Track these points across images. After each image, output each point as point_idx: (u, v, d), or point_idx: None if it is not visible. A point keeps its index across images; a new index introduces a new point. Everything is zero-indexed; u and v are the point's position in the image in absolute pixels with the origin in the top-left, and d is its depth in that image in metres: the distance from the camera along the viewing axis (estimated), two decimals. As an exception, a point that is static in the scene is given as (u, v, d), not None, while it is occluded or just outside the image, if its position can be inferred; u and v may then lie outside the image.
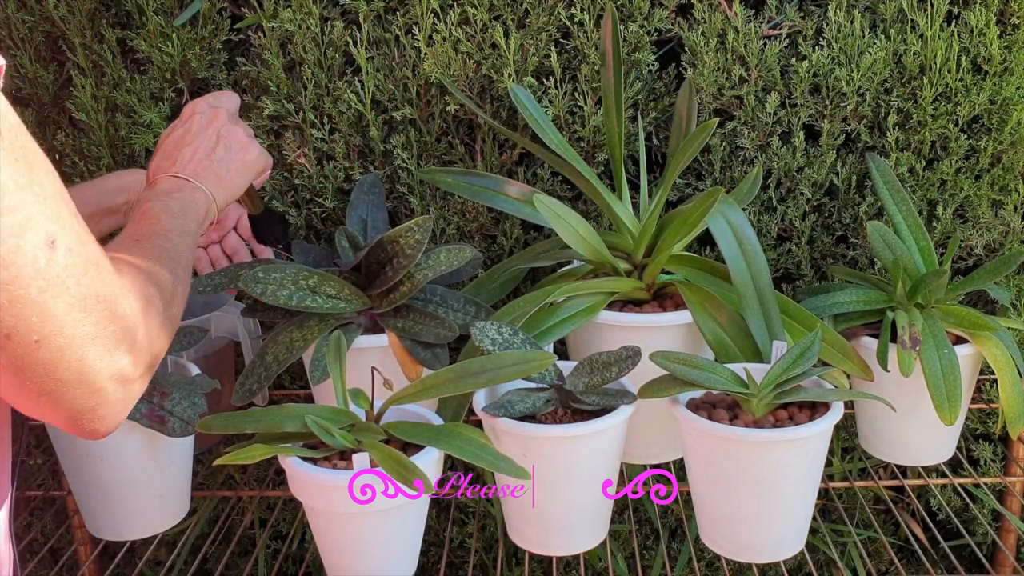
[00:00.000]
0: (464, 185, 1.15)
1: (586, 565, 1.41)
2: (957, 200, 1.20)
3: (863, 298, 1.06)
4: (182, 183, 0.85)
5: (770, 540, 0.90)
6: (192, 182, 0.85)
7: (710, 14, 1.15)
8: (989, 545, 1.36)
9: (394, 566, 0.86)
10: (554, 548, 0.93)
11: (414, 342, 1.01)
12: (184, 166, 0.87)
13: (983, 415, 1.31)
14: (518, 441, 0.87)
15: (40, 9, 1.20)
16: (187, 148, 0.88)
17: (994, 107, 1.16)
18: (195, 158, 0.88)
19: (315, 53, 1.18)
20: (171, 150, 0.88)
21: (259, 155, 0.94)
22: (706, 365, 0.89)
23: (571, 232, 1.01)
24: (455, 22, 1.16)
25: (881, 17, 1.16)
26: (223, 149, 0.90)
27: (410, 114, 1.20)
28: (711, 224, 1.01)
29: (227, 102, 0.95)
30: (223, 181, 0.89)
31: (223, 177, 0.89)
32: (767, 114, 1.18)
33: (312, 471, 0.82)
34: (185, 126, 0.91)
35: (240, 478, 1.34)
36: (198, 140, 0.89)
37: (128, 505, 0.95)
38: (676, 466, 1.12)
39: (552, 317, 1.00)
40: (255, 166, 0.93)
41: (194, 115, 0.92)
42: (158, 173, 0.87)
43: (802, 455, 0.86)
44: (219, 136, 0.91)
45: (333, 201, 1.23)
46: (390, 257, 1.00)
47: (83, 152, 1.23)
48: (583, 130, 1.20)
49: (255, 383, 1.01)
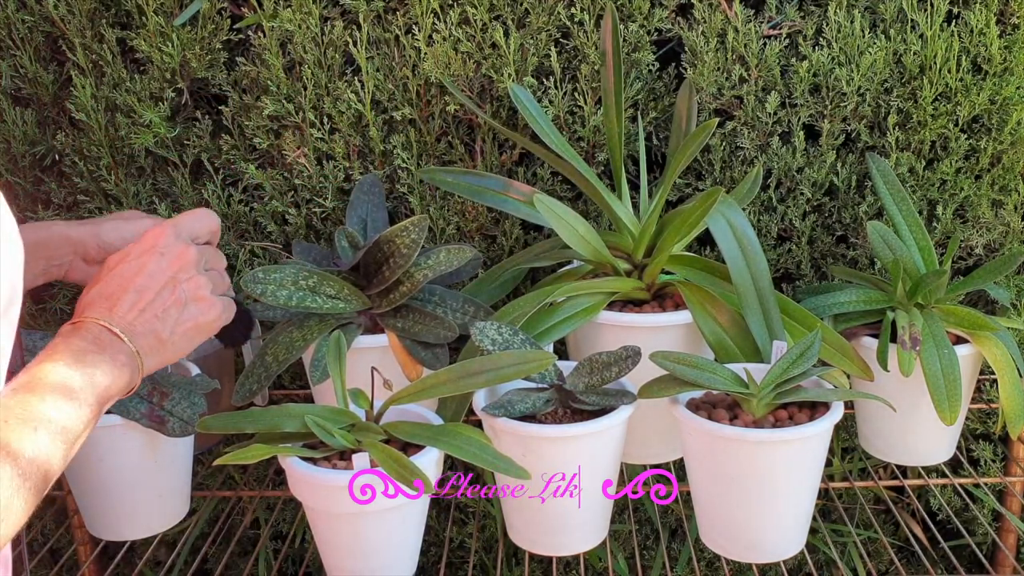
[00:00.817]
0: (464, 185, 1.15)
1: (586, 565, 1.41)
2: (957, 200, 1.20)
3: (863, 298, 1.06)
4: (109, 338, 0.70)
5: (770, 540, 0.90)
6: (123, 340, 0.71)
7: (710, 14, 1.15)
8: (989, 545, 1.36)
9: (394, 566, 0.86)
10: (554, 548, 0.93)
11: (414, 342, 1.01)
12: (121, 316, 0.72)
13: (983, 415, 1.31)
14: (518, 441, 0.87)
15: (40, 9, 1.20)
16: (133, 293, 0.73)
17: (994, 107, 1.16)
18: (136, 308, 0.73)
19: (315, 53, 1.18)
20: (114, 288, 0.73)
21: (219, 315, 0.78)
22: (706, 365, 0.89)
23: (571, 232, 1.01)
24: (455, 22, 1.16)
25: (881, 17, 1.16)
26: (176, 306, 0.75)
27: (410, 114, 1.20)
28: (711, 224, 1.01)
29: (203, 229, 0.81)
30: (163, 345, 0.74)
31: (164, 340, 0.74)
32: (767, 114, 1.18)
33: (312, 471, 0.82)
34: (140, 260, 0.75)
35: (240, 478, 1.34)
36: (149, 286, 0.74)
37: (128, 505, 0.95)
38: (676, 466, 1.12)
39: (552, 317, 1.00)
40: (208, 328, 0.78)
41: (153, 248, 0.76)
42: (88, 310, 0.72)
43: (802, 455, 0.86)
44: (176, 286, 0.75)
45: (333, 201, 1.23)
46: (387, 257, 1.00)
47: (83, 152, 1.23)
48: (583, 130, 1.20)
49: (255, 383, 1.01)
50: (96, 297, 0.73)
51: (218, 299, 0.79)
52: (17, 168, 1.26)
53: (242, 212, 1.25)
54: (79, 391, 0.64)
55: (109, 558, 1.31)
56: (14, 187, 1.27)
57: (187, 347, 0.77)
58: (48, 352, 0.66)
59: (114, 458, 0.93)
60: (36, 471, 0.57)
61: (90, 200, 1.26)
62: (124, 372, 0.69)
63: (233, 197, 1.24)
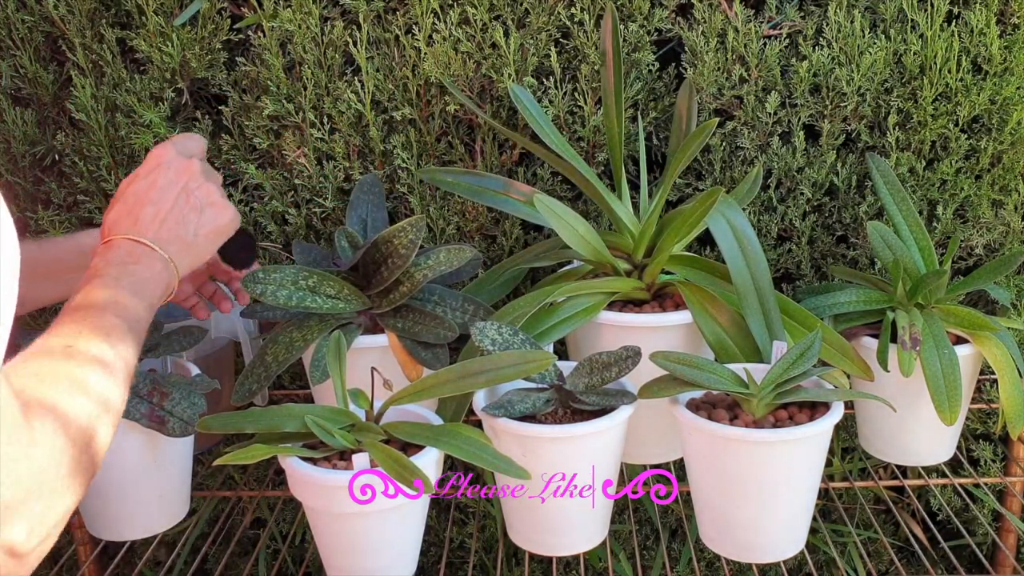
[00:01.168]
0: (464, 185, 1.15)
1: (586, 565, 1.41)
2: (957, 200, 1.20)
3: (863, 298, 1.06)
4: (141, 250, 0.74)
5: (770, 540, 0.90)
6: (154, 249, 0.75)
7: (710, 14, 1.15)
8: (989, 545, 1.36)
9: (394, 566, 0.86)
10: (554, 548, 0.93)
11: (414, 342, 1.01)
12: (145, 227, 0.76)
13: (983, 415, 1.31)
14: (518, 441, 0.87)
15: (40, 9, 1.20)
16: (151, 206, 0.77)
17: (994, 107, 1.16)
18: (158, 218, 0.76)
19: (315, 53, 1.18)
20: (132, 205, 0.77)
21: (232, 217, 0.83)
22: (706, 365, 0.89)
23: (571, 232, 1.01)
24: (455, 22, 1.16)
25: (881, 17, 1.16)
26: (194, 211, 0.79)
27: (410, 114, 1.20)
28: (711, 224, 1.01)
29: (195, 146, 0.84)
30: (190, 248, 0.78)
31: (190, 244, 0.78)
32: (767, 114, 1.18)
33: (312, 471, 0.82)
34: (149, 178, 0.78)
35: (240, 478, 1.34)
36: (164, 197, 0.78)
37: (128, 505, 0.95)
38: (676, 466, 1.12)
39: (552, 317, 1.00)
40: (227, 230, 0.83)
41: (160, 166, 0.79)
42: (115, 231, 0.75)
43: (802, 455, 0.86)
44: (189, 194, 0.79)
45: (333, 201, 1.23)
46: (385, 257, 1.00)
47: (83, 152, 1.23)
48: (583, 130, 1.20)
49: (255, 383, 1.01)
50: (117, 217, 0.76)
51: (229, 202, 0.83)
52: (17, 168, 1.26)
53: (242, 212, 1.25)
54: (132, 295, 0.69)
55: (109, 558, 1.31)
56: (14, 187, 1.27)
57: (211, 248, 0.81)
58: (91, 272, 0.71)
59: (114, 458, 0.92)
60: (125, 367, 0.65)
61: (90, 200, 1.26)
62: (162, 277, 0.74)
63: (233, 197, 1.24)
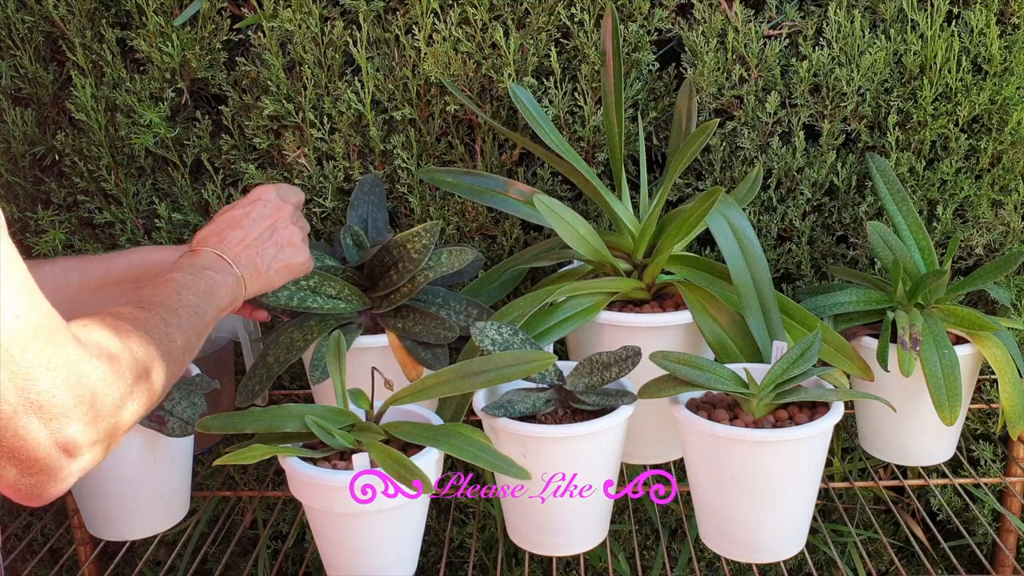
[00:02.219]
0: (464, 185, 1.15)
1: (586, 565, 1.41)
2: (957, 200, 1.20)
3: (863, 298, 1.06)
4: (221, 263, 0.84)
5: (770, 540, 0.90)
6: (231, 265, 0.85)
7: (710, 14, 1.15)
8: (989, 545, 1.36)
9: (394, 566, 0.86)
10: (554, 548, 0.93)
11: (414, 342, 1.01)
12: (229, 247, 0.86)
13: (983, 415, 1.31)
14: (518, 441, 0.87)
15: (40, 9, 1.20)
16: (239, 231, 0.88)
17: (994, 107, 1.16)
18: (243, 243, 0.87)
19: (315, 53, 1.18)
20: (223, 228, 0.88)
21: (306, 261, 0.92)
22: (706, 365, 0.89)
23: (571, 232, 1.01)
24: (455, 22, 1.16)
25: (881, 17, 1.16)
26: (274, 246, 0.89)
27: (410, 114, 1.20)
28: (711, 224, 1.01)
29: (294, 196, 0.95)
30: (261, 276, 0.88)
31: (263, 272, 0.88)
32: (767, 114, 1.18)
33: (312, 471, 0.82)
34: (245, 209, 0.90)
35: (240, 478, 1.34)
36: (253, 228, 0.88)
37: (128, 505, 0.95)
38: (676, 466, 1.12)
39: (552, 317, 1.00)
40: (299, 270, 0.92)
41: (259, 201, 0.91)
42: (202, 245, 0.86)
43: (802, 455, 0.86)
44: (275, 231, 0.90)
45: (333, 201, 1.23)
46: (395, 261, 1.00)
47: (83, 152, 1.23)
48: (583, 130, 1.20)
49: (257, 384, 1.01)
50: (208, 234, 0.87)
51: (308, 248, 0.93)
52: (17, 168, 1.26)
53: (242, 212, 1.24)
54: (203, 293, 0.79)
55: (109, 558, 1.31)
56: (14, 187, 1.27)
57: (279, 281, 0.91)
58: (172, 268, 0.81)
59: (114, 458, 0.93)
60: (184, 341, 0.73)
61: (90, 200, 1.26)
62: (231, 289, 0.83)
63: (233, 197, 1.24)
